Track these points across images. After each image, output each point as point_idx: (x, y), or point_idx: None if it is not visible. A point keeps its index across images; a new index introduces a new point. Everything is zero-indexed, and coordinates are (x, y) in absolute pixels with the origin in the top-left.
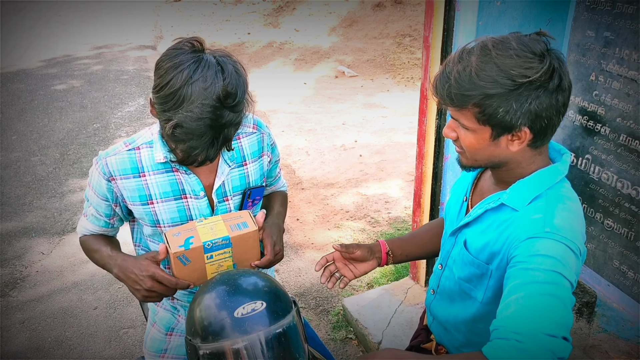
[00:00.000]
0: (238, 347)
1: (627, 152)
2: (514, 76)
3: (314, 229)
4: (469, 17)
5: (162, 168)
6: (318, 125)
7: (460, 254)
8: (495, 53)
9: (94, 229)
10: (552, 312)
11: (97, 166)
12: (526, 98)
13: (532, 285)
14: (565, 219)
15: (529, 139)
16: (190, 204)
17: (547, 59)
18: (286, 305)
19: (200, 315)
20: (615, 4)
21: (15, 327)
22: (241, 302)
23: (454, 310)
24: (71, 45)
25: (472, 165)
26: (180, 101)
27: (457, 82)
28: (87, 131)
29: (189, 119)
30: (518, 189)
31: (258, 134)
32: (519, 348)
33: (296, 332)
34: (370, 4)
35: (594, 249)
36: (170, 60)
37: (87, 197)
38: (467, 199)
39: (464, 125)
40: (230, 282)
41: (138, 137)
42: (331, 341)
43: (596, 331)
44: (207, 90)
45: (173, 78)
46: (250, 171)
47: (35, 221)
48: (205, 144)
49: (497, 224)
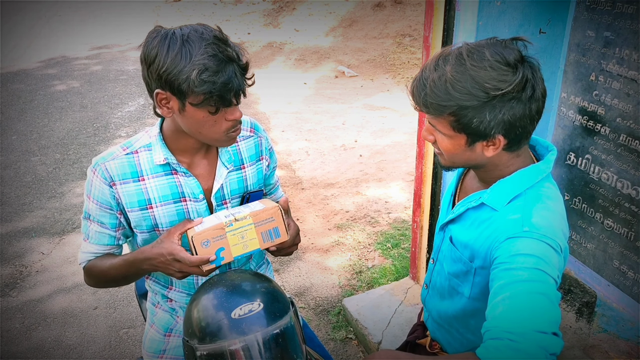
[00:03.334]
0: (235, 348)
1: (627, 152)
2: (488, 89)
3: (314, 229)
4: (469, 17)
5: (161, 171)
6: (318, 125)
7: (448, 249)
8: (470, 64)
9: (98, 249)
10: (539, 309)
11: (97, 173)
12: (500, 109)
13: (517, 285)
14: (544, 218)
15: (504, 144)
16: (190, 207)
17: (521, 70)
18: (284, 306)
19: (197, 316)
20: (615, 4)
21: (15, 327)
22: (238, 302)
23: (444, 306)
24: (71, 45)
25: (450, 167)
26: (189, 54)
27: (433, 92)
28: (87, 131)
29: (206, 60)
30: (498, 188)
31: (255, 138)
32: (512, 347)
33: (294, 333)
34: (370, 4)
35: (594, 249)
36: (153, 42)
37: (87, 213)
38: (452, 195)
39: (440, 131)
40: (227, 283)
41: (135, 141)
42: (331, 341)
43: (596, 331)
44: (202, 36)
45: (169, 46)
46: (248, 174)
47: (35, 221)
48: (232, 72)
49: (478, 222)
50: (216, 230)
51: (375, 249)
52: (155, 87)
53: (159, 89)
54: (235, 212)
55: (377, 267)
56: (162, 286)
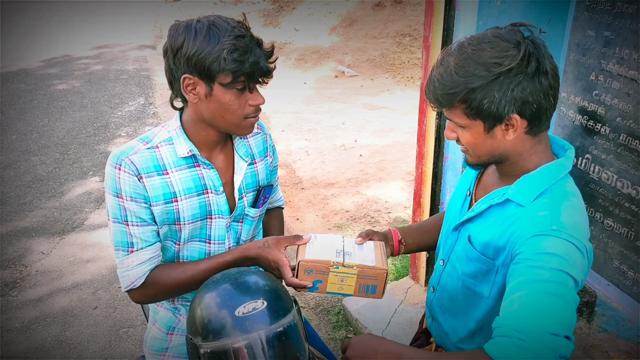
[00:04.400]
0: (239, 345)
1: (627, 151)
2: (490, 66)
3: (314, 228)
4: (469, 17)
5: (184, 164)
6: (318, 125)
7: (464, 249)
8: (471, 49)
9: (153, 253)
10: (555, 311)
11: (123, 167)
12: (507, 86)
13: (537, 284)
14: (571, 216)
15: (523, 126)
16: (211, 199)
17: (522, 45)
18: (287, 304)
19: (201, 314)
20: (615, 4)
21: (15, 327)
22: (242, 300)
23: (456, 309)
24: (71, 45)
25: (477, 163)
26: (217, 37)
27: (441, 84)
28: (87, 131)
29: (235, 40)
30: (523, 184)
31: (262, 134)
32: (521, 346)
33: (297, 331)
34: (370, 4)
35: (594, 249)
36: (178, 31)
37: (121, 216)
38: (470, 194)
39: (457, 123)
40: (231, 281)
41: (154, 136)
42: (331, 341)
43: (596, 331)
44: (226, 21)
45: (197, 30)
46: (259, 169)
47: (35, 221)
48: (259, 54)
49: (502, 219)
50: (322, 266)
51: None
52: (183, 73)
53: (187, 73)
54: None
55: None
56: None
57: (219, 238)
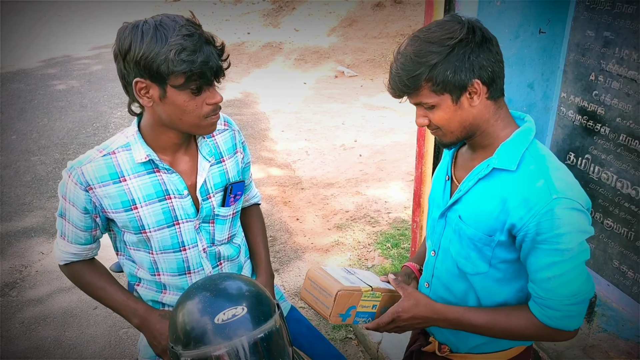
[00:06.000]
0: (220, 353)
1: (627, 152)
2: (444, 41)
3: (313, 228)
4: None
5: (143, 170)
6: (318, 125)
7: (456, 230)
8: (422, 35)
9: (77, 250)
10: (585, 277)
11: (72, 177)
12: (463, 54)
13: (568, 263)
14: (560, 178)
15: (484, 91)
16: (175, 204)
17: (465, 21)
18: (268, 309)
19: (181, 321)
20: (615, 4)
21: (15, 327)
22: (222, 307)
23: (452, 295)
24: (71, 45)
25: (451, 140)
26: (164, 37)
27: (404, 71)
28: (86, 131)
29: (183, 40)
30: (504, 151)
31: (230, 131)
32: (567, 314)
33: (279, 336)
34: (370, 4)
35: (594, 249)
36: (124, 33)
37: (62, 213)
38: (449, 177)
39: (427, 104)
40: (211, 288)
41: (111, 142)
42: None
43: (596, 331)
44: (175, 20)
45: (143, 32)
46: (228, 167)
47: (35, 221)
48: (209, 52)
49: (492, 191)
50: (357, 290)
51: (375, 249)
52: (134, 77)
53: (138, 77)
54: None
55: (376, 267)
56: (155, 292)
57: (192, 241)
